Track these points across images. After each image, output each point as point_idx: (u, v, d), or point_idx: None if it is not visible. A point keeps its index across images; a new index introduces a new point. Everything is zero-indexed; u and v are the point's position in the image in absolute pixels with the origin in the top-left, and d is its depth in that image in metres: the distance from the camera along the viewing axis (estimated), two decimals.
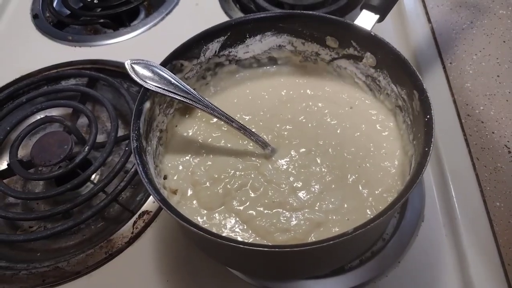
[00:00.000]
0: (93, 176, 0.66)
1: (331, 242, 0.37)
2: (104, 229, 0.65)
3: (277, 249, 0.37)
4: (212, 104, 0.52)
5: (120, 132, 0.71)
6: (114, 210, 0.66)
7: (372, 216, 0.48)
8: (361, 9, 0.56)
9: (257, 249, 0.37)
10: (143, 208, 0.61)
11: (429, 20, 0.78)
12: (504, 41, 0.69)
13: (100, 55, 0.82)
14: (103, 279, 0.56)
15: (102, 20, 0.91)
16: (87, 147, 0.64)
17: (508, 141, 0.59)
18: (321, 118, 0.59)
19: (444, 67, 0.71)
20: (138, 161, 0.44)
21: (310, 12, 0.56)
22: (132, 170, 0.63)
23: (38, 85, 0.78)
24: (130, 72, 0.49)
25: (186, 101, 0.51)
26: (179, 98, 0.50)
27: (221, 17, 0.85)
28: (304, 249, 0.37)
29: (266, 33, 0.58)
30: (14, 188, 0.69)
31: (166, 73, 0.51)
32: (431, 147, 0.42)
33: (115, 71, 0.78)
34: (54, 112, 0.76)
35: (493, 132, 0.62)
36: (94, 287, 0.56)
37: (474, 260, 0.53)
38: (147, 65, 0.50)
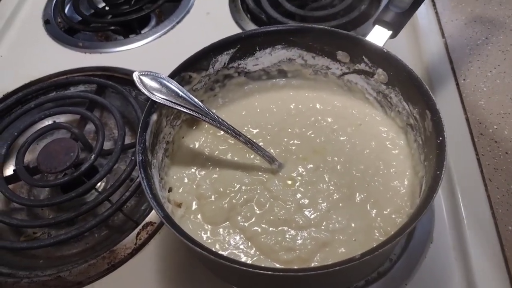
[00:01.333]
0: (98, 183, 0.66)
1: (337, 268, 0.36)
2: (107, 237, 0.64)
3: (280, 273, 0.37)
4: (219, 117, 0.52)
5: (127, 140, 0.71)
6: (118, 218, 0.66)
7: (379, 237, 0.48)
8: (373, 24, 0.55)
9: (261, 272, 0.36)
10: (147, 219, 0.60)
11: (443, 35, 0.77)
12: None
13: (110, 62, 0.82)
14: None
15: (112, 27, 0.91)
16: (94, 155, 0.63)
17: None
18: (330, 133, 0.58)
19: (457, 84, 0.70)
20: (143, 175, 0.43)
21: (322, 26, 0.55)
22: (138, 179, 0.63)
23: (47, 90, 0.78)
24: (138, 84, 0.49)
25: (194, 114, 0.50)
26: (186, 111, 0.50)
27: (231, 27, 0.85)
28: (309, 274, 0.36)
29: (276, 46, 0.58)
30: (20, 193, 0.69)
31: (174, 85, 0.51)
32: (443, 171, 0.40)
33: (124, 79, 0.77)
34: (62, 118, 0.76)
35: (506, 153, 0.60)
36: None
37: (483, 285, 0.51)
38: (155, 77, 0.50)
